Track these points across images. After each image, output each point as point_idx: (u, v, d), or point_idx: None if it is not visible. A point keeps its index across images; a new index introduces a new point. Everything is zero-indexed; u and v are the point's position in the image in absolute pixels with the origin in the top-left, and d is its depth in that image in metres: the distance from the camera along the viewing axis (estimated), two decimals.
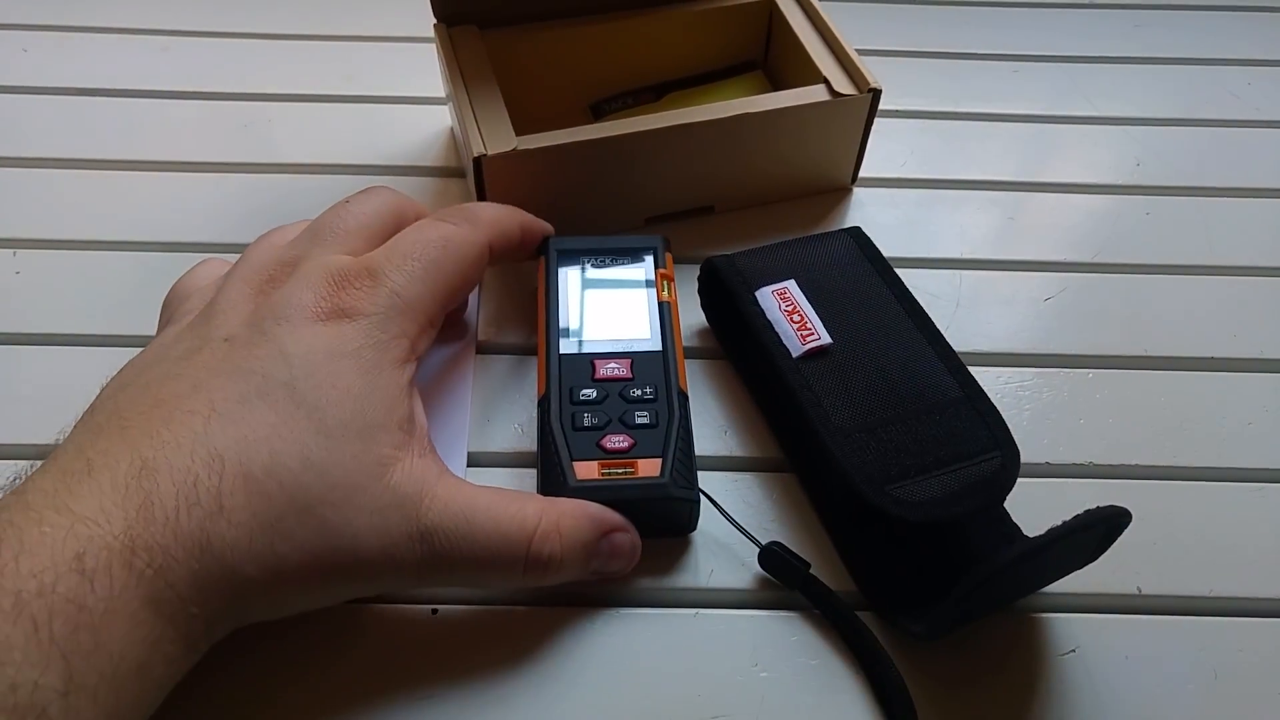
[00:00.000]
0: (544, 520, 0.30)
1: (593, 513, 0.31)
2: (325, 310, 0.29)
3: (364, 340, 0.29)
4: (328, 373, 0.28)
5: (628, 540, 0.32)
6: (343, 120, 0.51)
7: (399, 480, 0.28)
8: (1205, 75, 0.56)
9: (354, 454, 0.27)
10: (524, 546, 0.29)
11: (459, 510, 0.28)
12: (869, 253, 0.40)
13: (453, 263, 0.32)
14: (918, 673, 0.32)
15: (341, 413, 0.27)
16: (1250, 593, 0.35)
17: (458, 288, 0.33)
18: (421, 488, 0.28)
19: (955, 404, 0.35)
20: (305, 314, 0.29)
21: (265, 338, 0.28)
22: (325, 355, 0.28)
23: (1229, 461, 0.39)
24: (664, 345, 0.36)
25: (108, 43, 0.54)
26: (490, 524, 0.29)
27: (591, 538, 0.31)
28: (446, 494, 0.28)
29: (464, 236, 0.33)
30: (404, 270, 0.31)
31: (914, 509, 0.32)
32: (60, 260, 0.44)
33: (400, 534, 0.27)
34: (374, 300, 0.30)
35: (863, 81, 0.43)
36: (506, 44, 0.45)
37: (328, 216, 0.33)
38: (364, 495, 0.27)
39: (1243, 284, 0.45)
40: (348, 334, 0.29)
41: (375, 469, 0.27)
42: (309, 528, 0.26)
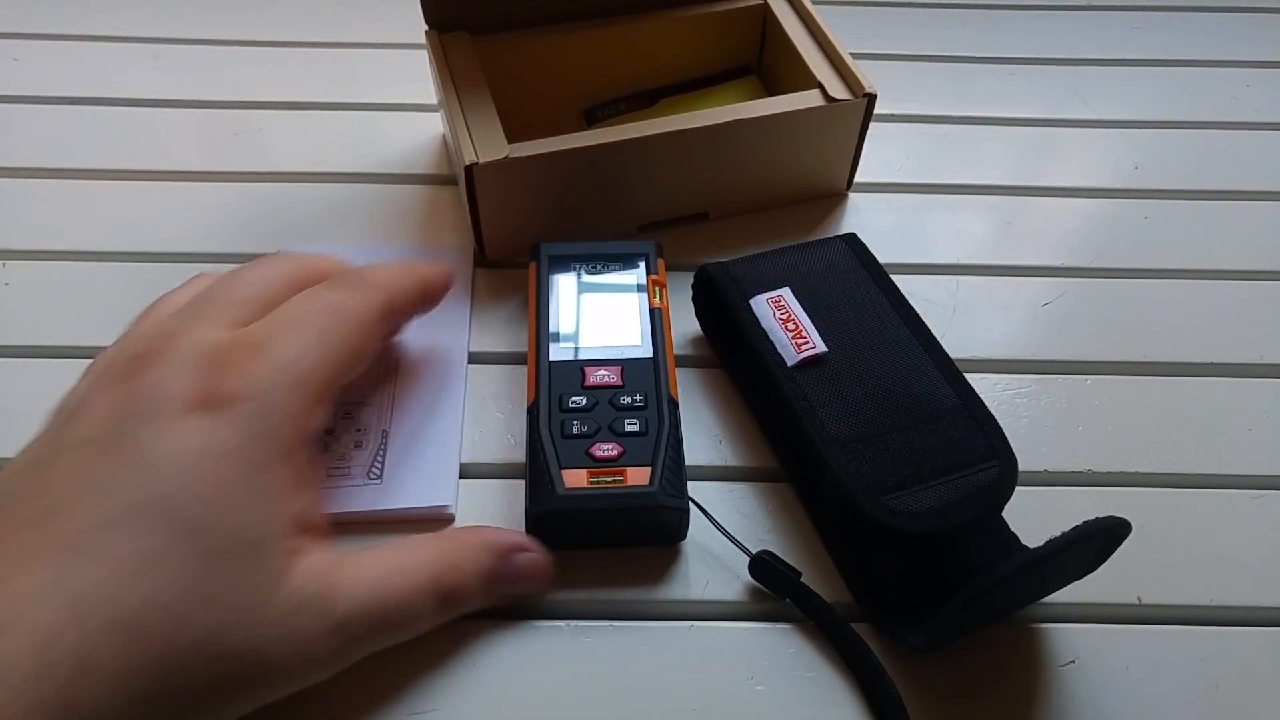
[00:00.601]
0: (442, 559, 0.29)
1: (489, 538, 0.31)
2: (198, 399, 0.25)
3: (244, 434, 0.25)
4: (205, 480, 0.24)
5: (529, 560, 0.31)
6: (334, 128, 0.50)
7: (301, 583, 0.25)
8: (1204, 77, 0.56)
9: (246, 571, 0.24)
10: (432, 593, 0.29)
11: (368, 587, 0.27)
12: (865, 259, 0.40)
13: (345, 331, 0.29)
14: (915, 685, 0.32)
15: (226, 528, 0.24)
16: (1252, 602, 0.35)
17: (352, 357, 0.30)
18: (327, 582, 0.26)
19: (952, 412, 0.34)
20: (175, 406, 0.25)
21: (129, 441, 0.25)
22: (200, 458, 0.25)
23: (1229, 468, 0.38)
24: (655, 352, 0.36)
25: (98, 51, 0.54)
26: (399, 583, 0.28)
27: (491, 564, 0.30)
28: (352, 577, 0.27)
29: (356, 301, 0.30)
30: (290, 342, 0.28)
31: (911, 519, 0.32)
32: (50, 271, 0.44)
33: (313, 635, 0.26)
34: (255, 379, 0.26)
35: (858, 86, 0.43)
36: (498, 50, 0.45)
37: (215, 285, 0.31)
38: (265, 611, 0.25)
39: (1242, 288, 0.45)
40: (225, 429, 0.25)
41: (273, 581, 0.25)
42: (203, 664, 0.23)
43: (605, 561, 0.34)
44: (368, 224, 0.46)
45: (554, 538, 0.34)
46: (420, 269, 0.35)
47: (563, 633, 0.33)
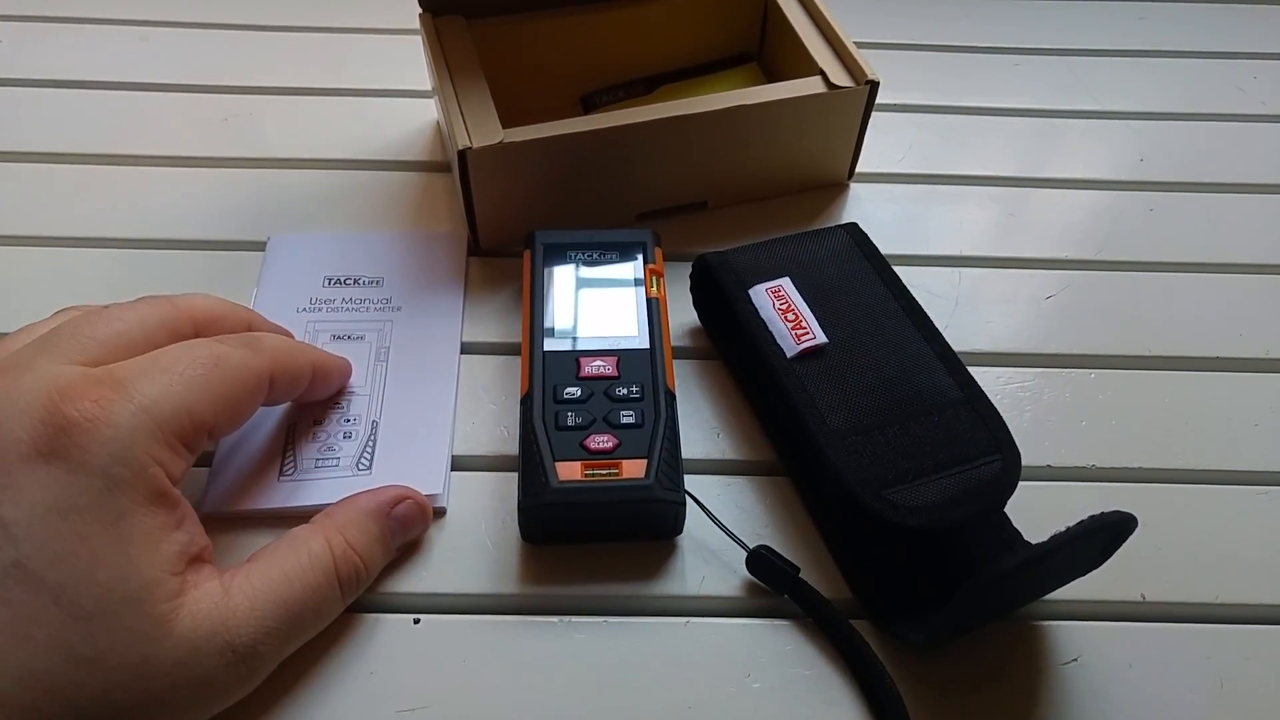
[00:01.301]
0: (333, 544, 0.29)
1: (366, 506, 0.31)
2: (45, 445, 0.23)
3: (99, 484, 0.23)
4: (63, 538, 0.22)
5: (410, 508, 0.32)
6: (327, 113, 0.49)
7: (193, 623, 0.24)
8: (1209, 69, 0.55)
9: (129, 625, 0.23)
10: (333, 583, 0.29)
11: (267, 603, 0.26)
12: (866, 250, 0.39)
13: (223, 383, 0.27)
14: (915, 682, 0.31)
15: (96, 585, 0.22)
16: (1257, 599, 0.34)
17: (224, 410, 0.27)
18: (221, 613, 0.25)
19: (954, 405, 0.34)
20: (18, 455, 0.23)
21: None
22: (55, 514, 0.22)
23: (1234, 464, 0.38)
24: (651, 343, 0.35)
25: (85, 33, 0.53)
26: (298, 590, 0.27)
27: (379, 529, 0.30)
28: (248, 598, 0.26)
29: (240, 359, 0.28)
30: (154, 382, 0.25)
31: (912, 514, 0.31)
32: (36, 257, 0.43)
33: (217, 668, 0.25)
34: (112, 419, 0.24)
35: (860, 74, 0.42)
36: (494, 35, 0.44)
37: (75, 320, 0.28)
38: (159, 660, 0.23)
39: (1248, 282, 0.44)
40: (77, 479, 0.23)
41: (161, 628, 0.23)
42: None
43: (600, 556, 0.34)
44: (360, 211, 0.45)
45: (547, 531, 0.33)
46: (318, 353, 0.34)
47: (556, 629, 0.32)
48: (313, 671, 0.30)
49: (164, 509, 0.25)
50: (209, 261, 0.43)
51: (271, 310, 0.40)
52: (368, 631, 0.31)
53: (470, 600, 0.33)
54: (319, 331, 0.39)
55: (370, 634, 0.31)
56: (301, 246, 0.43)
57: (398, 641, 0.31)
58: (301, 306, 0.40)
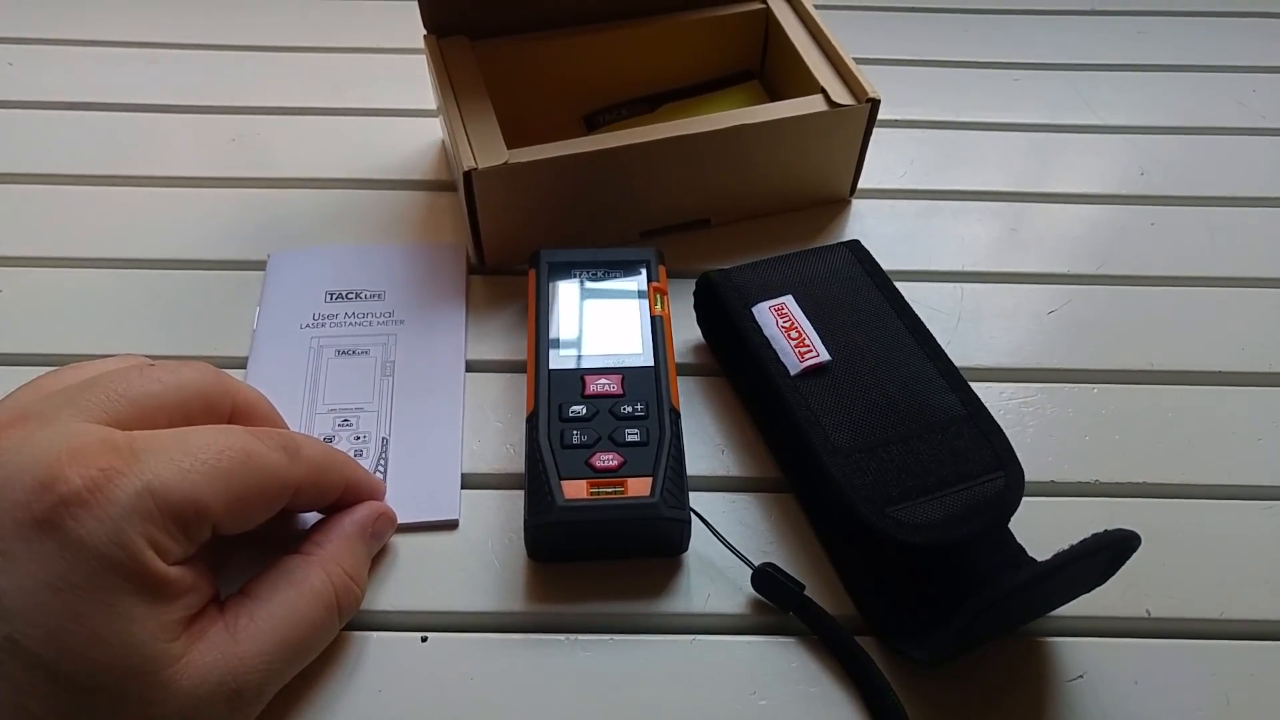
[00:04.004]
0: (332, 577, 0.29)
1: (352, 530, 0.31)
2: (41, 512, 0.22)
3: (95, 564, 0.22)
4: (59, 615, 0.22)
5: (386, 522, 0.32)
6: (333, 133, 0.50)
7: (199, 680, 0.24)
8: (1209, 82, 0.55)
9: (130, 696, 0.22)
10: (334, 614, 0.29)
11: (272, 645, 0.26)
12: (868, 266, 0.39)
13: (245, 483, 0.25)
14: (920, 700, 0.31)
15: (94, 664, 0.22)
16: (1263, 615, 0.34)
17: (240, 513, 0.26)
18: (227, 663, 0.24)
19: (957, 422, 0.34)
20: (14, 520, 0.22)
21: None
22: (48, 590, 0.22)
23: (1239, 479, 0.38)
24: (656, 361, 0.35)
25: (94, 56, 0.54)
26: (303, 625, 0.27)
27: (366, 550, 0.31)
28: (253, 642, 0.25)
29: (273, 462, 0.26)
30: (174, 464, 0.24)
31: (916, 531, 0.31)
32: (45, 278, 0.43)
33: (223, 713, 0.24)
34: (113, 495, 0.22)
35: (861, 91, 0.42)
36: (498, 55, 0.45)
37: (112, 374, 0.26)
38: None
39: (1251, 296, 0.44)
40: (72, 556, 0.22)
41: (165, 692, 0.23)
42: None
43: (605, 574, 0.34)
44: (366, 230, 0.45)
45: (553, 550, 0.33)
46: (354, 471, 0.31)
47: (562, 646, 0.32)
48: (321, 690, 0.31)
49: (159, 590, 0.23)
50: (216, 281, 0.43)
51: (276, 327, 0.40)
52: (375, 650, 0.32)
53: (477, 618, 0.33)
54: (324, 347, 0.40)
55: (378, 652, 0.32)
56: (302, 262, 0.43)
57: (405, 660, 0.32)
58: (305, 323, 0.41)
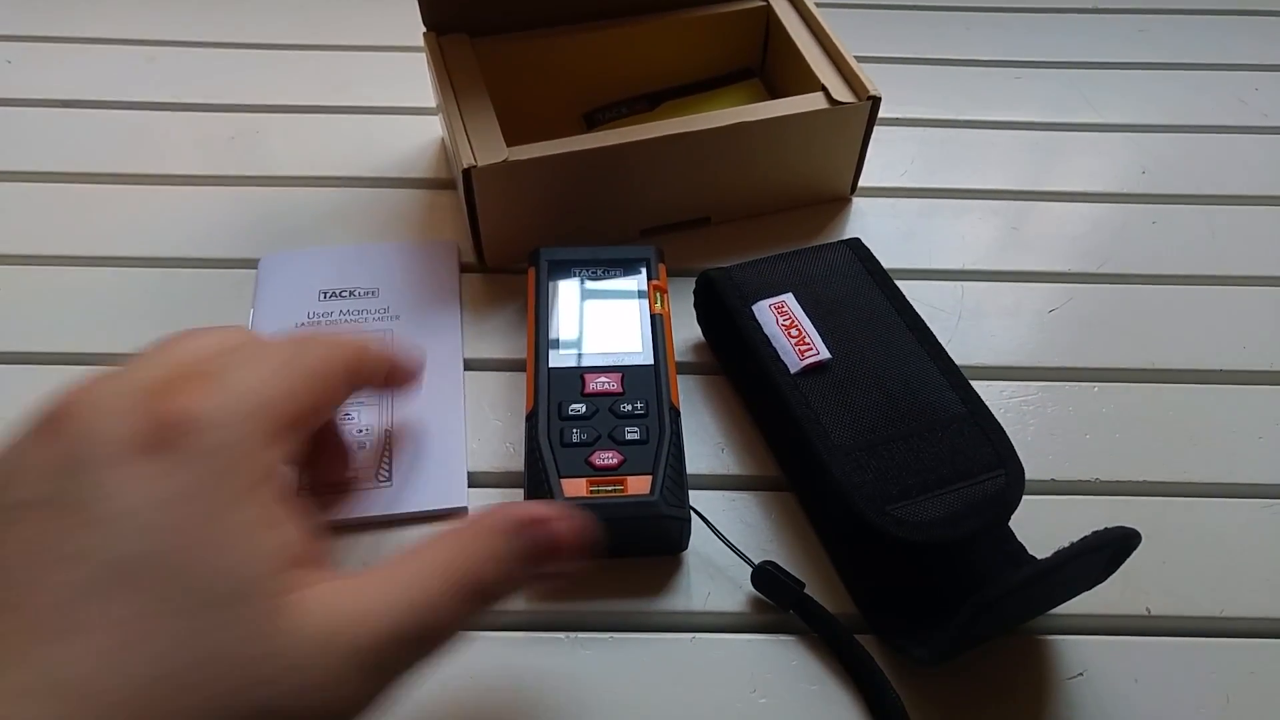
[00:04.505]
0: (461, 557, 0.26)
1: (506, 517, 0.26)
2: (146, 437, 0.22)
3: (201, 474, 0.22)
4: (168, 531, 0.22)
5: (557, 529, 0.27)
6: (332, 131, 0.50)
7: (307, 621, 0.22)
8: (1211, 81, 0.55)
9: (239, 620, 0.22)
10: (459, 596, 0.25)
11: (388, 608, 0.24)
12: (868, 264, 0.39)
13: (308, 370, 0.26)
14: (921, 698, 0.31)
15: (206, 579, 0.22)
16: (1263, 613, 0.34)
17: (316, 397, 0.26)
18: (339, 613, 0.23)
19: (958, 420, 0.34)
20: (120, 449, 0.22)
21: (76, 497, 0.21)
22: (161, 507, 0.22)
23: (1239, 477, 0.38)
24: (655, 359, 0.35)
25: (92, 54, 0.54)
26: (421, 597, 0.25)
27: (517, 545, 0.26)
28: (367, 600, 0.24)
29: (321, 348, 0.27)
30: (247, 370, 0.24)
31: (916, 529, 0.31)
32: (43, 276, 0.43)
33: (339, 674, 0.23)
34: (207, 410, 0.23)
35: (862, 89, 0.42)
36: (498, 52, 0.44)
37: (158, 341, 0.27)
38: (277, 659, 0.22)
39: (1252, 294, 0.44)
40: (179, 471, 0.22)
41: (273, 625, 0.22)
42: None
43: (606, 572, 0.34)
44: (365, 228, 0.45)
45: None
46: (394, 349, 0.31)
47: (562, 644, 0.32)
48: None
49: (267, 502, 0.23)
50: (216, 279, 0.43)
51: (270, 328, 0.40)
52: None
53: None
54: None
55: None
56: (294, 263, 0.43)
57: None
58: (300, 322, 0.41)
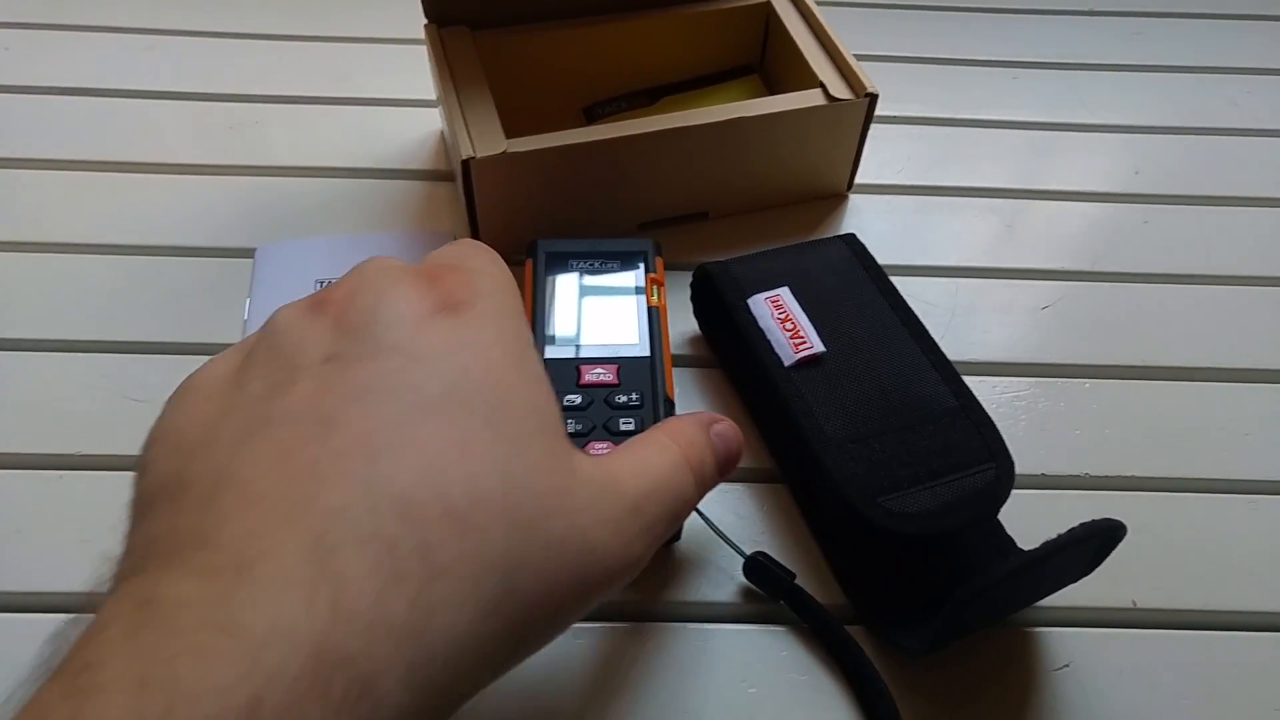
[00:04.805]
0: (678, 437, 0.27)
1: (691, 416, 0.28)
2: (434, 302, 0.23)
3: (495, 328, 0.23)
4: (481, 371, 0.22)
5: (728, 427, 0.29)
6: (332, 122, 0.50)
7: (589, 466, 0.23)
8: (1205, 83, 0.56)
9: (545, 453, 0.22)
10: (688, 468, 0.26)
11: (639, 469, 0.25)
12: (864, 260, 0.39)
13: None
14: (910, 689, 0.32)
15: (515, 413, 0.22)
16: (1247, 606, 0.34)
17: None
18: (606, 466, 0.24)
19: (950, 414, 0.34)
20: (412, 312, 0.23)
21: (384, 346, 0.22)
22: (468, 350, 0.22)
23: (1226, 473, 0.38)
24: (651, 351, 0.36)
25: (91, 41, 0.54)
26: (661, 464, 0.26)
27: (707, 437, 0.28)
28: (619, 463, 0.25)
29: None
30: (484, 258, 0.25)
31: (906, 521, 0.31)
32: (43, 263, 0.43)
33: (621, 516, 0.23)
34: (477, 285, 0.24)
35: (859, 86, 0.43)
36: (498, 45, 0.45)
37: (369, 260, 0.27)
38: (574, 493, 0.22)
39: (1241, 293, 0.45)
40: (475, 325, 0.23)
41: (568, 463, 0.23)
42: (538, 553, 0.21)
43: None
44: (364, 219, 0.45)
45: None
46: None
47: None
48: None
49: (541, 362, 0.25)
50: (214, 267, 0.43)
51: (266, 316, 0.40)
52: None
53: None
54: None
55: None
56: (290, 252, 0.43)
57: None
58: None
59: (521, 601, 0.20)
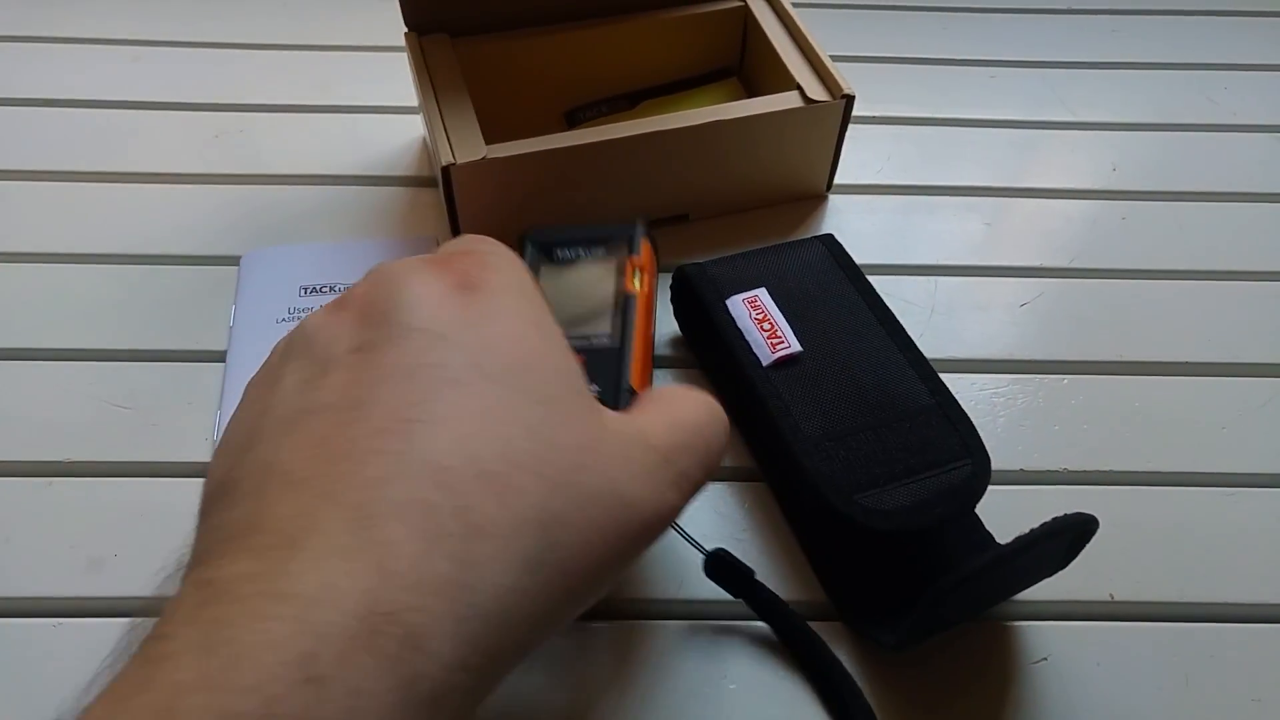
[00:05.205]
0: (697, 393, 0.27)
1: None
2: (450, 285, 0.24)
3: (512, 299, 0.24)
4: (503, 340, 0.23)
5: None
6: (316, 130, 0.50)
7: (619, 423, 0.24)
8: (1182, 80, 0.56)
9: (573, 411, 0.23)
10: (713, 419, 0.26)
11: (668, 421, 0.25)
12: (841, 260, 0.40)
13: None
14: (888, 684, 0.32)
15: (540, 376, 0.23)
16: (1222, 597, 0.35)
17: None
18: (637, 426, 0.24)
19: (926, 412, 0.34)
20: (432, 295, 0.24)
21: (409, 329, 0.23)
22: (489, 323, 0.23)
23: (1202, 466, 0.39)
24: (621, 341, 0.33)
25: (77, 53, 0.54)
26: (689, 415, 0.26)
27: None
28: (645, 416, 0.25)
29: None
30: (491, 243, 0.27)
31: (883, 517, 0.32)
32: (30, 273, 0.43)
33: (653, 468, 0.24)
34: (490, 263, 0.25)
35: (836, 87, 0.43)
36: (479, 52, 0.45)
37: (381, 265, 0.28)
38: (605, 447, 0.23)
39: (1217, 288, 0.45)
40: (493, 299, 0.24)
41: (596, 419, 0.23)
42: (575, 510, 0.21)
43: None
44: (349, 224, 0.46)
45: None
46: None
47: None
48: None
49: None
50: (201, 276, 0.44)
51: (251, 322, 0.41)
52: None
53: None
54: None
55: None
56: (275, 259, 0.44)
57: None
58: (280, 317, 0.41)
59: (562, 555, 0.21)
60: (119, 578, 0.34)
